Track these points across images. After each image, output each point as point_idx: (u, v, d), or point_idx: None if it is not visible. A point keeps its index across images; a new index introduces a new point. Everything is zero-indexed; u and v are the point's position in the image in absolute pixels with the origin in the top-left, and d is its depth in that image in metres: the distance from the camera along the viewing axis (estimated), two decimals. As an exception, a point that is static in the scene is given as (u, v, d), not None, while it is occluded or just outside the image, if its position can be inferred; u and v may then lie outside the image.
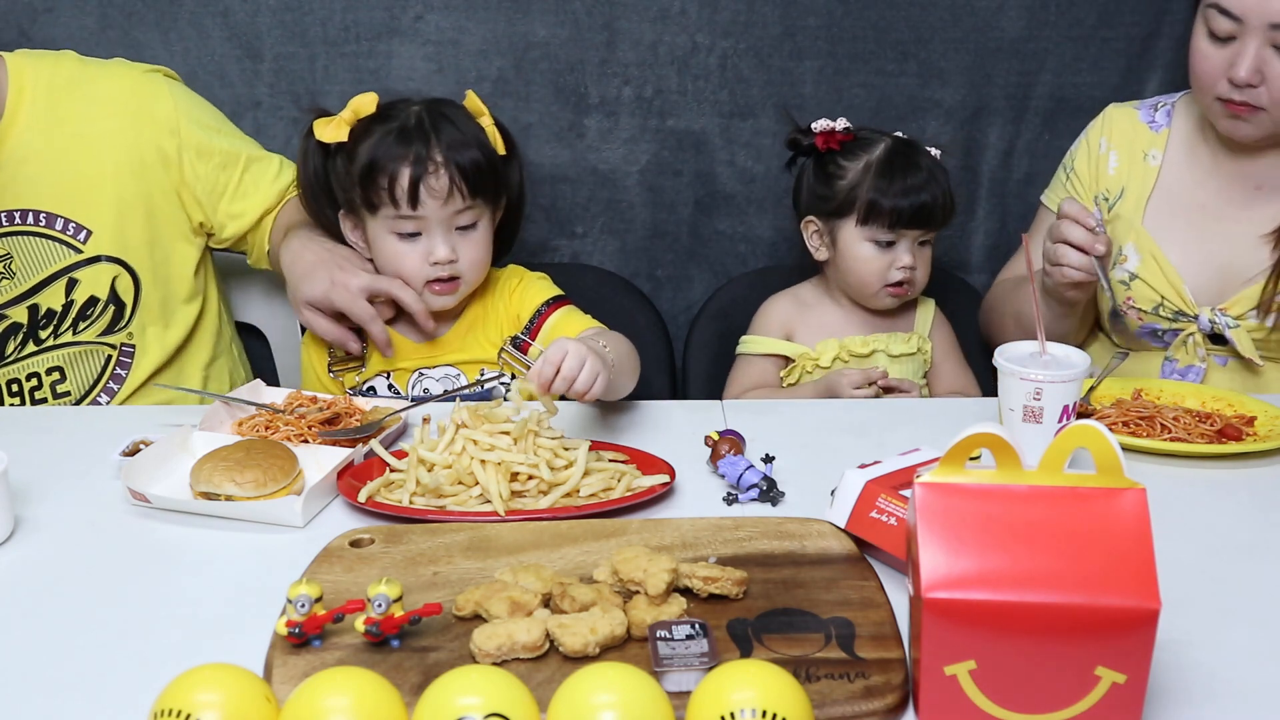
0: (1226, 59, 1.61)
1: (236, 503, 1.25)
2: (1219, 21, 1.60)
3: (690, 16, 2.07)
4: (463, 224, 1.65)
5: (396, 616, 0.98)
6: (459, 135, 1.64)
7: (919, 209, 1.78)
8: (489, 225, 1.70)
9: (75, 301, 1.74)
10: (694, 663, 0.92)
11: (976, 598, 0.86)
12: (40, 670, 1.01)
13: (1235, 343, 1.71)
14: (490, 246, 1.71)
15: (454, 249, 1.64)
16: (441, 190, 1.60)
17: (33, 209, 1.71)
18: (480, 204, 1.66)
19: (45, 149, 1.69)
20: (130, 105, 1.72)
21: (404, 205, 1.60)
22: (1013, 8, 2.08)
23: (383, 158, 1.61)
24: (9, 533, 1.23)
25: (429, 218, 1.62)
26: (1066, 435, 0.91)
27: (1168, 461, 1.41)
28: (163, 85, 1.76)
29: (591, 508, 1.26)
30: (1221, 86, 1.63)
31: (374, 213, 1.64)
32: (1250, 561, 1.19)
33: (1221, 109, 1.65)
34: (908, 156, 1.81)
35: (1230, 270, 1.73)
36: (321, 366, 1.75)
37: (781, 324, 1.91)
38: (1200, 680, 0.98)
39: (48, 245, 1.72)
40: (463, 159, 1.62)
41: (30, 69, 1.71)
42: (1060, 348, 1.38)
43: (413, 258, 1.64)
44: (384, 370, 1.72)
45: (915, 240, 1.81)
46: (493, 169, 1.66)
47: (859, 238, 1.81)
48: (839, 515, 1.18)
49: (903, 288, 1.82)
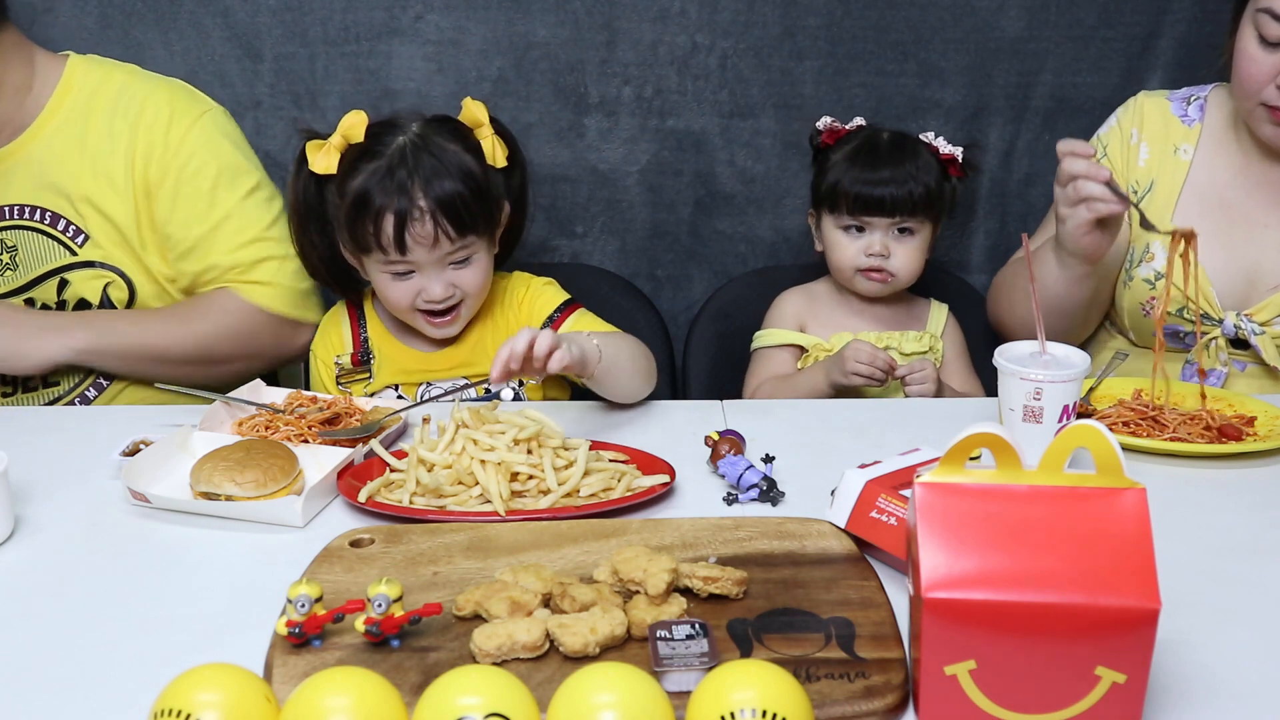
0: (1275, 65, 1.59)
1: (236, 503, 1.25)
2: (1270, 26, 1.57)
3: (690, 16, 2.07)
4: (457, 260, 1.63)
5: (396, 616, 0.98)
6: (443, 169, 1.59)
7: (877, 195, 1.80)
8: (486, 250, 1.67)
9: (66, 302, 1.76)
10: (694, 663, 0.92)
11: (976, 598, 0.86)
12: (40, 670, 1.01)
13: (1260, 349, 1.68)
14: (489, 268, 1.68)
15: (449, 284, 1.63)
16: (427, 237, 1.58)
17: (40, 206, 1.74)
18: (473, 238, 1.63)
19: (68, 152, 1.72)
20: (157, 127, 1.73)
21: (391, 252, 1.59)
22: (1013, 8, 2.08)
23: (367, 202, 1.59)
24: (9, 533, 1.23)
25: (419, 261, 1.61)
26: (1066, 435, 0.91)
27: (1168, 461, 1.41)
28: (195, 129, 1.74)
29: (591, 508, 1.26)
30: (1269, 93, 1.60)
31: (367, 254, 1.63)
32: (1250, 561, 1.19)
33: (1266, 115, 1.63)
34: (881, 145, 1.84)
35: (1257, 274, 1.71)
36: (330, 379, 1.75)
37: (795, 316, 1.93)
38: (1200, 680, 0.98)
39: (47, 243, 1.74)
40: (447, 199, 1.57)
41: (81, 73, 1.75)
42: (1060, 347, 1.38)
43: (407, 294, 1.63)
44: (393, 383, 1.72)
45: (889, 228, 1.82)
46: (481, 198, 1.62)
47: (831, 225, 1.86)
48: (839, 515, 1.18)
49: (879, 274, 1.83)
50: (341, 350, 1.74)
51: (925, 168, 1.83)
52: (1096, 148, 1.81)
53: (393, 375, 1.71)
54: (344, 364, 1.73)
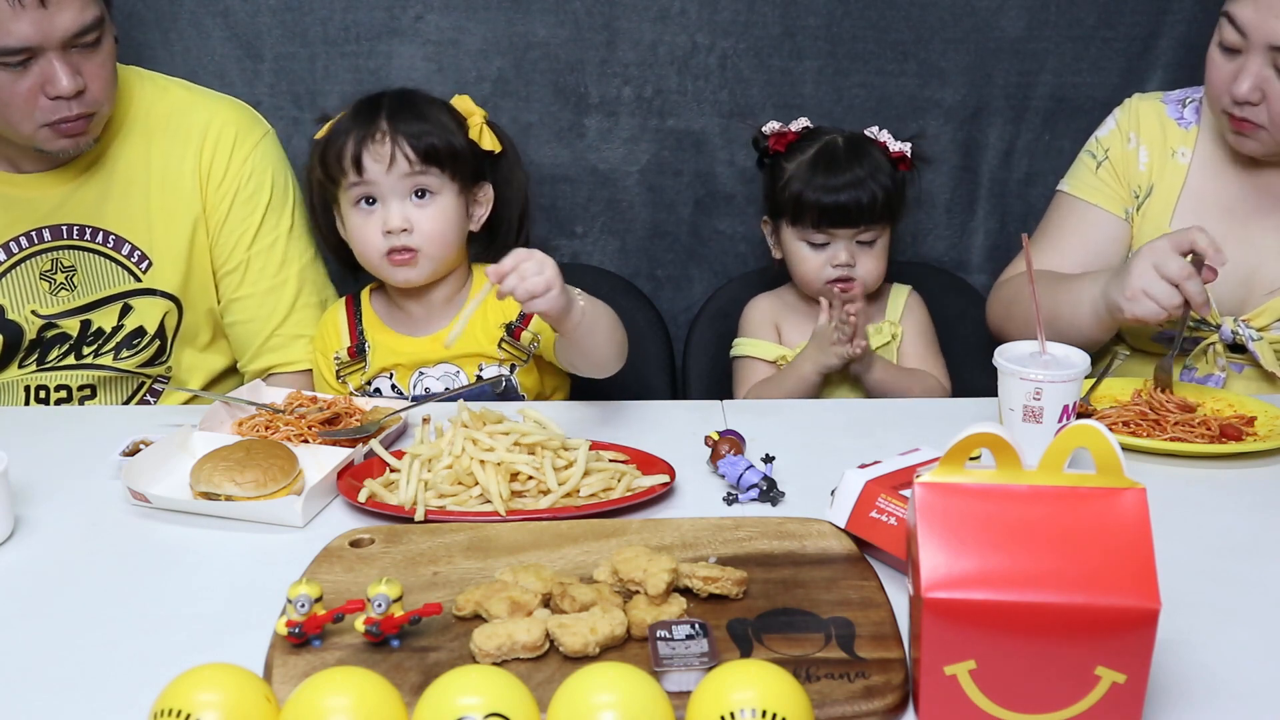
0: (1231, 72, 1.59)
1: (236, 503, 1.25)
2: (1228, 32, 1.58)
3: (690, 16, 2.06)
4: (419, 190, 1.67)
5: (396, 616, 0.98)
6: (414, 113, 1.68)
7: (841, 209, 1.78)
8: (454, 201, 1.70)
9: (125, 327, 1.74)
10: (694, 663, 0.92)
11: (976, 598, 0.86)
12: (40, 670, 1.01)
13: (1258, 355, 1.68)
14: (455, 224, 1.70)
15: (407, 217, 1.66)
16: (384, 155, 1.64)
17: (104, 228, 1.71)
18: (439, 175, 1.67)
19: (134, 176, 1.71)
20: (221, 148, 1.74)
21: (350, 172, 1.66)
22: (1013, 8, 2.08)
23: (337, 132, 1.69)
24: (9, 533, 1.23)
25: (379, 184, 1.66)
26: (1066, 435, 0.91)
27: (1168, 461, 1.41)
28: (256, 152, 1.77)
29: (591, 508, 1.26)
30: (1226, 100, 1.61)
31: (336, 186, 1.69)
32: (1250, 561, 1.19)
33: (1227, 122, 1.63)
34: (838, 155, 1.81)
35: (1255, 280, 1.70)
36: (329, 372, 1.76)
37: (769, 321, 1.93)
38: (1200, 680, 0.98)
39: (111, 267, 1.72)
40: (410, 129, 1.66)
41: (136, 87, 1.72)
42: (1060, 348, 1.38)
43: (370, 228, 1.68)
44: (387, 367, 1.73)
45: (851, 239, 1.81)
46: (452, 147, 1.68)
47: (793, 238, 1.84)
48: (839, 515, 1.18)
49: (846, 284, 1.82)
50: (339, 346, 1.76)
51: (880, 170, 1.81)
52: (1098, 151, 1.81)
53: (386, 360, 1.73)
54: (341, 357, 1.75)
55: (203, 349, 1.82)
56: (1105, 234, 1.78)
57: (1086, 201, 1.79)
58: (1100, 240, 1.78)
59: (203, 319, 1.79)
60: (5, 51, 1.49)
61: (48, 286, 1.71)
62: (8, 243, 1.69)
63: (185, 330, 1.78)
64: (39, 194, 1.68)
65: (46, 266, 1.70)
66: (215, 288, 1.79)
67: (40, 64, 1.52)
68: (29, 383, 1.74)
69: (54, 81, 1.53)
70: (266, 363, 1.80)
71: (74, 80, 1.54)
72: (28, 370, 1.73)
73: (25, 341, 1.72)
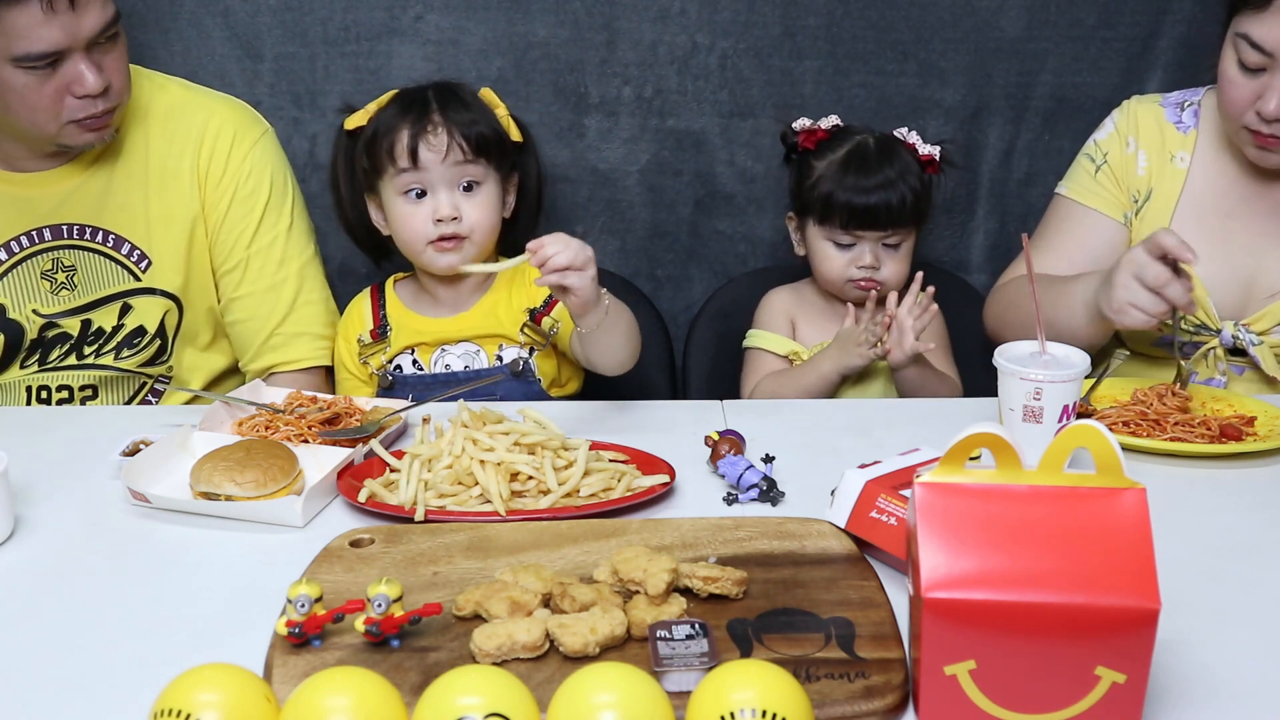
0: (1255, 90, 1.58)
1: (236, 503, 1.26)
2: (1248, 53, 1.57)
3: (690, 16, 2.06)
4: (467, 182, 1.70)
5: (396, 616, 0.98)
6: (462, 104, 1.73)
7: (871, 211, 1.78)
8: (496, 190, 1.74)
9: (125, 326, 1.74)
10: (694, 663, 0.92)
11: (976, 598, 0.86)
12: (40, 670, 1.01)
13: (1259, 359, 1.67)
14: (498, 211, 1.75)
15: (457, 206, 1.69)
16: (440, 145, 1.68)
17: (103, 228, 1.71)
18: (485, 165, 1.71)
19: (133, 175, 1.71)
20: (220, 147, 1.74)
21: (403, 160, 1.68)
22: (1013, 8, 2.08)
23: (386, 123, 1.71)
24: (9, 533, 1.23)
25: (431, 173, 1.68)
26: (1066, 435, 0.91)
27: (1168, 461, 1.41)
28: (255, 150, 1.77)
29: (591, 508, 1.26)
30: (1250, 117, 1.60)
31: (381, 176, 1.71)
32: (1250, 561, 1.19)
33: (1250, 138, 1.62)
34: (869, 157, 1.81)
35: (1255, 284, 1.70)
36: (351, 356, 1.79)
37: (785, 314, 1.93)
38: (1200, 680, 0.98)
39: (110, 267, 1.72)
40: (462, 120, 1.70)
41: (137, 88, 1.71)
42: (1060, 348, 1.38)
43: (419, 217, 1.70)
44: (409, 345, 1.75)
45: (877, 241, 1.81)
46: (497, 136, 1.73)
47: (819, 236, 1.85)
48: (839, 515, 1.18)
49: (869, 283, 1.82)
50: (363, 329, 1.80)
51: (910, 172, 1.81)
52: (1097, 154, 1.81)
53: (408, 338, 1.76)
54: (364, 340, 1.78)
55: (204, 349, 1.82)
56: (1104, 238, 1.78)
57: (1085, 206, 1.79)
58: (1099, 244, 1.78)
59: (203, 318, 1.79)
60: (36, 57, 1.50)
61: (49, 286, 1.71)
62: (8, 242, 1.69)
63: (186, 330, 1.78)
64: (39, 193, 1.68)
65: (47, 266, 1.70)
66: (215, 287, 1.79)
67: (66, 65, 1.52)
68: (30, 383, 1.74)
69: (81, 81, 1.54)
70: (267, 362, 1.80)
71: (100, 78, 1.55)
72: (29, 371, 1.73)
73: (26, 341, 1.72)
